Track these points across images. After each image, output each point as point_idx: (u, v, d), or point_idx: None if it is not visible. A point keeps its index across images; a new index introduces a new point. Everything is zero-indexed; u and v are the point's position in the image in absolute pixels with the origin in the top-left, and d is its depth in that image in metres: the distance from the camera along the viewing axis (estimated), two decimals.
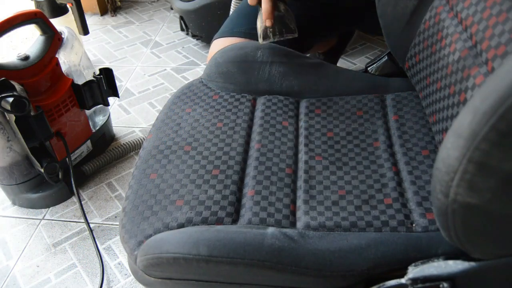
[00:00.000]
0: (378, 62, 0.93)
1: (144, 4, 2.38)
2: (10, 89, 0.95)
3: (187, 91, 0.85)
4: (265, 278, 0.57)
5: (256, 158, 0.70)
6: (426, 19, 0.69)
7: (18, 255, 1.08)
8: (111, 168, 1.33)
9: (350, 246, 0.55)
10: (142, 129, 1.48)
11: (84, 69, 1.22)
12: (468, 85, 0.54)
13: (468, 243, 0.45)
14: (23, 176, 1.13)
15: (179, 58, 1.86)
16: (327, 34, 1.17)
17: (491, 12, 0.52)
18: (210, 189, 0.65)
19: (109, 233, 1.13)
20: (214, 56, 0.87)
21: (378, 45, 1.85)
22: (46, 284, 1.01)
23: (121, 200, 1.22)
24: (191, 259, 0.55)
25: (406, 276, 0.52)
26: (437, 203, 0.42)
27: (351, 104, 0.80)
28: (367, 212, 0.60)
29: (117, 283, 1.01)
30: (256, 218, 0.60)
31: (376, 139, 0.72)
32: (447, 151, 0.38)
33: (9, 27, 0.99)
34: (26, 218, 1.18)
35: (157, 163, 0.70)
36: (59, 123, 1.12)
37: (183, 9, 1.79)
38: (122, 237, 0.62)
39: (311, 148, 0.72)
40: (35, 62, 1.04)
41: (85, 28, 1.35)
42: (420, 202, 0.60)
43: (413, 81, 0.75)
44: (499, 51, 0.50)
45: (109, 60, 1.88)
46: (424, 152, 0.68)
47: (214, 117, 0.78)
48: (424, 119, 0.74)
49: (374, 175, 0.66)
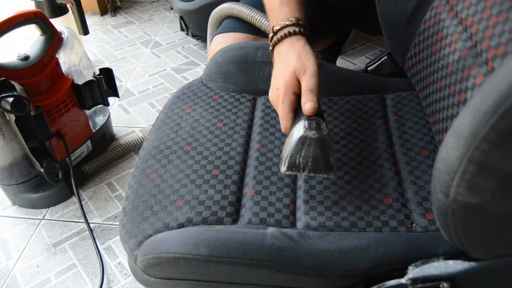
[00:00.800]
0: (378, 62, 0.93)
1: (144, 4, 2.38)
2: (10, 89, 0.95)
3: (187, 91, 0.85)
4: (265, 278, 0.57)
5: (256, 158, 0.70)
6: (426, 19, 0.69)
7: (18, 255, 1.08)
8: (111, 168, 1.33)
9: (350, 246, 0.55)
10: (142, 129, 1.48)
11: (84, 69, 1.22)
12: (468, 85, 0.54)
13: (468, 243, 0.45)
14: (23, 176, 1.13)
15: (179, 58, 1.86)
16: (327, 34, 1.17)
17: (491, 12, 0.52)
18: (210, 189, 0.65)
19: (109, 233, 1.13)
20: (214, 56, 0.87)
21: (378, 45, 1.85)
22: (46, 284, 1.01)
23: (121, 200, 1.22)
24: (191, 259, 0.55)
25: (406, 276, 0.52)
26: (437, 203, 0.42)
27: (351, 104, 0.80)
28: (367, 212, 0.60)
29: (117, 283, 1.01)
30: (256, 218, 0.60)
31: (376, 139, 0.72)
32: (447, 151, 0.38)
33: (9, 27, 0.99)
34: (26, 218, 1.18)
35: (157, 163, 0.70)
36: (59, 123, 1.12)
37: (183, 9, 1.79)
38: (122, 237, 0.62)
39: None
40: (35, 62, 1.04)
41: (85, 28, 1.35)
42: (420, 202, 0.60)
43: (413, 81, 0.75)
44: (499, 51, 0.49)
45: (109, 60, 1.88)
46: (424, 152, 0.68)
47: (214, 117, 0.78)
48: (424, 119, 0.74)
49: (374, 175, 0.66)
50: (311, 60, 0.60)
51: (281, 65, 0.62)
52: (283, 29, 0.64)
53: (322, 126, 0.55)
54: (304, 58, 0.60)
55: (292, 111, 0.59)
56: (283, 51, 0.64)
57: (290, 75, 0.59)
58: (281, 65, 0.62)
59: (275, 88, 0.61)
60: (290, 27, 0.64)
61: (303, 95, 0.58)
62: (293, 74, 0.59)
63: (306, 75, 0.59)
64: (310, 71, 0.59)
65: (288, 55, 0.62)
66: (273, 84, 0.63)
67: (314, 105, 0.56)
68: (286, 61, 0.61)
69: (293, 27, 0.64)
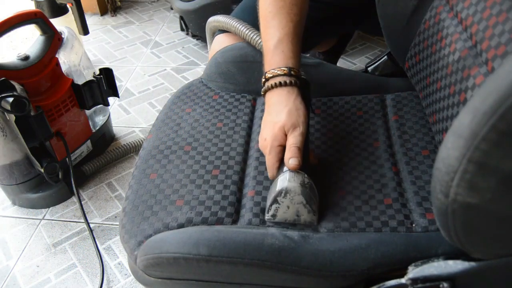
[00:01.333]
0: (378, 62, 0.93)
1: (144, 4, 2.38)
2: (10, 89, 0.95)
3: (187, 91, 0.85)
4: (265, 278, 0.57)
5: (256, 158, 0.70)
6: (426, 19, 0.69)
7: (18, 255, 1.08)
8: (111, 168, 1.33)
9: (350, 246, 0.55)
10: (142, 129, 1.48)
11: (84, 69, 1.22)
12: (468, 85, 0.54)
13: (468, 243, 0.45)
14: (23, 176, 1.13)
15: (179, 58, 1.86)
16: (328, 35, 1.16)
17: (491, 12, 0.52)
18: (210, 189, 0.65)
19: (109, 233, 1.13)
20: (214, 56, 0.87)
21: (378, 45, 1.85)
22: (46, 284, 1.01)
23: (121, 200, 1.22)
24: (191, 259, 0.55)
25: (406, 276, 0.52)
26: (437, 203, 0.42)
27: (351, 104, 0.80)
28: (367, 212, 0.60)
29: (117, 283, 1.01)
30: (256, 219, 0.60)
31: (376, 139, 0.72)
32: (447, 151, 0.38)
33: (9, 27, 0.99)
34: (26, 218, 1.18)
35: (157, 163, 0.70)
36: (59, 123, 1.12)
37: (183, 9, 1.79)
38: (122, 237, 0.62)
39: (311, 148, 0.72)
40: (35, 62, 1.04)
41: (85, 28, 1.35)
42: (420, 202, 0.60)
43: (413, 81, 0.75)
44: (499, 51, 0.49)
45: (109, 60, 1.88)
46: (424, 152, 0.68)
47: (214, 117, 0.78)
48: (424, 119, 0.74)
49: (374, 175, 0.66)
50: (302, 118, 0.63)
51: (271, 116, 0.64)
52: (275, 77, 0.66)
53: (304, 178, 0.59)
54: (295, 115, 0.63)
55: (278, 161, 0.62)
56: (273, 100, 0.65)
57: (278, 130, 0.62)
58: (271, 116, 0.64)
59: (263, 138, 0.64)
60: (281, 77, 0.65)
61: (289, 150, 0.61)
62: (281, 129, 0.62)
63: (295, 132, 0.62)
64: (299, 130, 0.62)
65: (279, 108, 0.64)
66: (262, 133, 0.65)
67: (298, 162, 0.59)
68: (276, 114, 0.64)
69: (285, 77, 0.65)
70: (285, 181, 0.58)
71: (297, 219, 0.59)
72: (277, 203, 0.58)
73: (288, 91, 0.65)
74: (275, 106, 0.65)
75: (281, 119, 0.62)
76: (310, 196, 0.58)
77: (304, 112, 0.64)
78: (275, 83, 0.65)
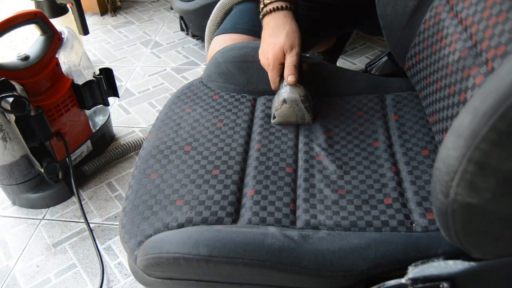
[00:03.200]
0: (378, 62, 0.93)
1: (144, 4, 2.38)
2: (10, 89, 0.95)
3: (187, 91, 0.85)
4: (265, 278, 0.57)
5: (256, 158, 0.70)
6: (426, 19, 0.69)
7: (18, 255, 1.08)
8: (111, 168, 1.33)
9: (350, 246, 0.55)
10: (142, 129, 1.48)
11: (84, 69, 1.22)
12: (468, 85, 0.54)
13: (468, 243, 0.45)
14: (23, 176, 1.13)
15: (179, 58, 1.86)
16: (328, 35, 1.17)
17: (491, 12, 0.52)
18: (210, 189, 0.65)
19: (109, 233, 1.13)
20: (214, 56, 0.87)
21: (378, 45, 1.85)
22: (46, 284, 1.01)
23: (121, 200, 1.22)
24: (191, 259, 0.55)
25: (406, 276, 0.52)
26: (437, 203, 0.42)
27: (351, 104, 0.80)
28: (367, 212, 0.60)
29: (117, 283, 1.01)
30: (256, 218, 0.60)
31: (376, 139, 0.72)
32: (447, 151, 0.38)
33: (9, 27, 0.99)
34: (26, 218, 1.18)
35: (157, 163, 0.70)
36: (59, 123, 1.12)
37: (183, 9, 1.79)
38: (122, 237, 0.62)
39: (311, 147, 0.72)
40: (35, 62, 1.04)
41: (85, 28, 1.35)
42: (420, 202, 0.60)
43: (413, 81, 0.75)
44: (499, 51, 0.50)
45: (109, 60, 1.88)
46: (424, 152, 0.68)
47: (214, 117, 0.78)
48: (424, 119, 0.74)
49: (374, 175, 0.66)
50: (297, 40, 0.75)
51: (271, 38, 0.76)
52: (272, 3, 0.77)
53: (300, 89, 0.74)
54: (292, 37, 0.75)
55: (279, 76, 0.76)
56: (272, 24, 0.77)
57: (278, 50, 0.74)
58: (271, 37, 0.76)
59: (265, 57, 0.76)
60: (278, 2, 0.77)
61: (288, 68, 0.74)
62: (281, 49, 0.74)
63: (292, 52, 0.74)
64: (296, 51, 0.74)
65: (277, 30, 0.75)
66: (263, 52, 0.77)
67: (295, 78, 0.73)
68: (275, 36, 0.75)
69: (281, 2, 0.77)
70: (286, 93, 0.74)
71: (297, 120, 0.76)
72: (280, 109, 0.74)
73: (284, 15, 0.76)
74: (274, 29, 0.76)
75: (280, 40, 0.74)
76: (306, 102, 0.74)
77: (299, 34, 0.76)
78: (273, 8, 0.77)
